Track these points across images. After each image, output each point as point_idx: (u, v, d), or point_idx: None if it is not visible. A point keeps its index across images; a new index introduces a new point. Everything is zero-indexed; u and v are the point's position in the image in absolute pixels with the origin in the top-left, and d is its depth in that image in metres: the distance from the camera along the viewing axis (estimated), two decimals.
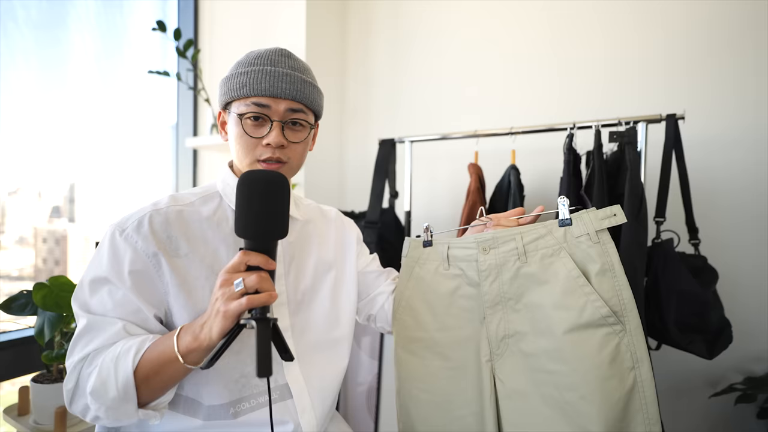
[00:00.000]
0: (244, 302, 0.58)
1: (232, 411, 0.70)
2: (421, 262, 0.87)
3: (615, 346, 0.69)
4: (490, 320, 0.78)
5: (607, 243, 0.72)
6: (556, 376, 0.71)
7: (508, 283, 0.76)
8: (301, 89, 0.73)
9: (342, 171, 2.00)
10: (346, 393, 1.89)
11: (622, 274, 0.71)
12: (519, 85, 1.61)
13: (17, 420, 1.12)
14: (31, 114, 1.47)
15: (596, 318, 0.69)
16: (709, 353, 1.06)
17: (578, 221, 0.73)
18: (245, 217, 0.62)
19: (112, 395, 0.62)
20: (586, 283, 0.70)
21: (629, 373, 0.69)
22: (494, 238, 0.78)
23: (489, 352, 0.78)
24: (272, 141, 0.71)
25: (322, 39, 1.83)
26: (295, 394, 0.74)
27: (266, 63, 0.72)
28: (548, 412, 0.71)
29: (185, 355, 0.61)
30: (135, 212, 0.70)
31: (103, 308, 0.66)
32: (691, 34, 1.34)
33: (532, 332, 0.74)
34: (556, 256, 0.74)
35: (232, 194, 0.76)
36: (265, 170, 0.66)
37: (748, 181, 1.28)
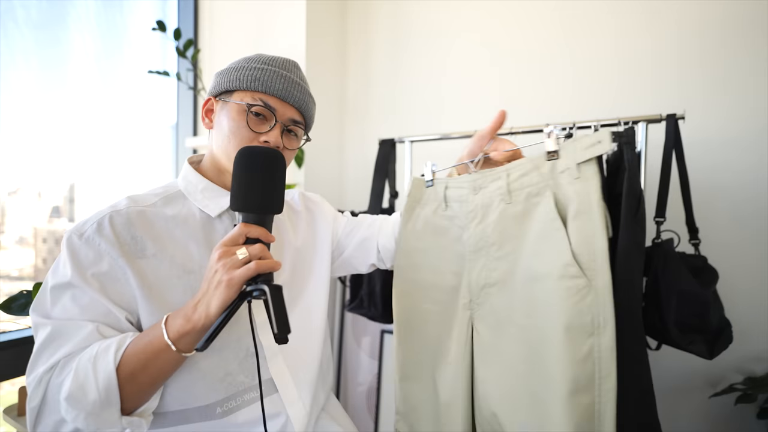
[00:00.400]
0: (253, 266, 0.57)
1: (219, 410, 0.68)
2: (422, 203, 0.82)
3: (573, 303, 0.58)
4: (471, 266, 0.72)
5: (590, 179, 0.60)
6: (527, 332, 0.64)
7: (492, 225, 0.69)
8: (306, 102, 0.76)
9: (342, 171, 2.00)
10: (346, 393, 1.89)
11: (600, 219, 0.59)
12: (519, 85, 1.61)
13: (17, 420, 1.12)
14: (31, 114, 1.47)
15: (557, 266, 0.59)
16: (709, 353, 1.06)
17: (565, 152, 0.63)
18: (246, 189, 0.62)
19: (92, 398, 0.57)
20: (561, 227, 0.60)
21: (586, 339, 0.58)
22: (483, 177, 0.71)
23: (469, 300, 0.72)
24: (272, 140, 0.70)
25: (322, 39, 1.83)
26: (280, 388, 0.73)
27: (281, 67, 0.74)
28: (513, 370, 0.65)
29: (177, 341, 0.58)
30: (92, 216, 0.67)
31: (68, 314, 0.61)
32: (691, 34, 1.34)
33: (512, 282, 0.67)
34: (541, 196, 0.64)
35: (196, 193, 0.75)
36: (264, 146, 0.66)
37: (749, 181, 1.28)
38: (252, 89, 0.71)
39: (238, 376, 0.70)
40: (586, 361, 0.58)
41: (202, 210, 0.74)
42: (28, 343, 1.26)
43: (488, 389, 0.69)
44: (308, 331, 0.80)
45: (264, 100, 0.71)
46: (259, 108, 0.71)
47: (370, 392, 1.82)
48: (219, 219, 0.74)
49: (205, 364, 0.67)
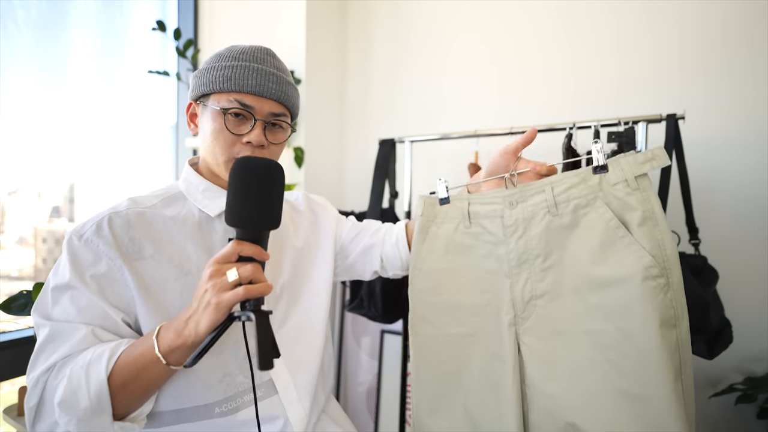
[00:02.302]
0: (241, 292, 0.55)
1: (217, 410, 0.68)
2: (438, 222, 0.80)
3: (660, 301, 0.62)
4: (515, 280, 0.72)
5: (648, 189, 0.65)
6: (595, 336, 0.65)
7: (537, 238, 0.70)
8: (285, 91, 0.72)
9: (342, 171, 2.00)
10: (346, 393, 1.89)
11: (665, 223, 0.64)
12: (519, 85, 1.60)
13: (17, 420, 1.12)
14: (31, 114, 1.47)
15: (639, 270, 0.63)
16: (710, 353, 1.06)
17: (615, 167, 0.66)
18: (241, 205, 0.59)
19: (84, 405, 0.57)
20: (627, 233, 0.64)
21: (672, 331, 0.63)
22: (522, 191, 0.71)
23: (513, 315, 0.71)
24: (254, 140, 0.69)
25: (322, 39, 1.83)
26: (280, 389, 0.73)
27: (252, 60, 0.70)
28: (585, 375, 0.66)
29: (167, 355, 0.57)
30: (92, 217, 0.67)
31: (66, 315, 0.62)
32: (692, 34, 1.34)
33: (564, 291, 0.68)
34: (591, 206, 0.67)
35: (196, 194, 0.74)
36: (262, 158, 0.64)
37: (749, 181, 1.28)
38: (226, 90, 0.69)
39: (237, 377, 0.70)
40: (675, 351, 0.63)
41: (201, 210, 0.74)
42: (28, 343, 1.26)
43: (557, 401, 0.68)
44: (308, 333, 0.80)
45: (239, 99, 0.68)
46: (235, 109, 0.69)
47: (370, 392, 1.82)
48: (219, 219, 0.74)
49: (202, 365, 0.66)
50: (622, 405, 0.64)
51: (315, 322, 0.81)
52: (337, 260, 0.90)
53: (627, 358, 0.63)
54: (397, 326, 1.71)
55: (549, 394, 0.69)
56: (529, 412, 0.71)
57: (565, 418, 0.67)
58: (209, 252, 0.71)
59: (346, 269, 0.92)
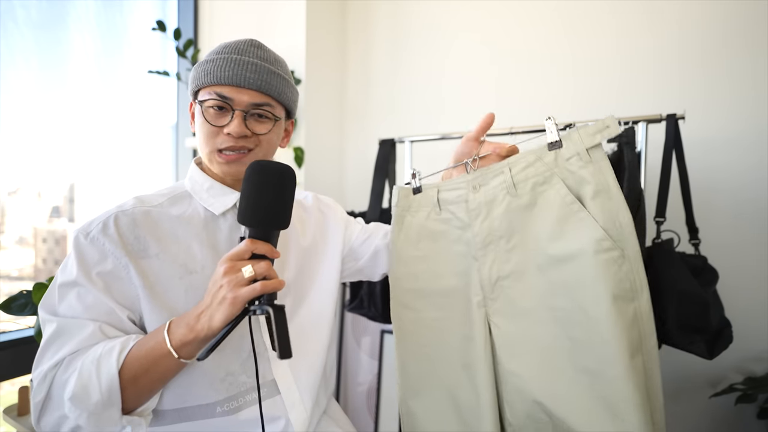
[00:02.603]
0: (258, 287, 0.58)
1: (219, 410, 0.68)
2: (412, 211, 0.82)
3: (613, 273, 0.62)
4: (482, 262, 0.73)
5: (601, 161, 0.65)
6: (558, 313, 0.66)
7: (499, 219, 0.71)
8: (267, 80, 0.71)
9: (342, 171, 2.00)
10: (346, 393, 1.89)
11: (619, 195, 0.64)
12: (519, 85, 1.61)
13: (17, 420, 1.12)
14: (31, 114, 1.47)
15: (591, 243, 0.62)
16: (710, 353, 1.06)
17: (568, 142, 0.66)
18: (255, 205, 0.62)
19: (95, 399, 0.58)
20: (581, 207, 0.64)
21: (629, 304, 0.63)
22: (483, 175, 0.72)
23: (482, 297, 0.73)
24: (233, 131, 0.69)
25: (322, 39, 1.83)
26: (282, 390, 0.73)
27: (233, 52, 0.71)
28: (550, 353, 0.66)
29: (179, 349, 0.59)
30: (99, 215, 0.68)
31: (73, 312, 0.63)
32: (692, 34, 1.34)
33: (528, 270, 0.69)
34: (548, 184, 0.67)
35: (201, 192, 0.75)
36: (276, 162, 0.66)
37: (749, 181, 1.28)
38: (206, 84, 0.70)
39: (240, 376, 0.70)
40: (633, 324, 0.62)
41: (206, 209, 0.74)
42: (27, 343, 1.26)
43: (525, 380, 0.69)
44: (313, 334, 0.80)
45: (218, 91, 0.69)
46: (213, 101, 0.69)
47: (370, 392, 1.82)
48: (223, 217, 0.75)
49: (205, 363, 0.67)
50: (583, 382, 0.64)
51: (320, 323, 0.81)
52: (347, 263, 0.90)
53: (585, 333, 0.63)
54: None
55: (517, 374, 0.69)
56: (503, 391, 0.72)
57: (532, 396, 0.68)
58: (214, 251, 0.72)
59: (356, 272, 0.93)
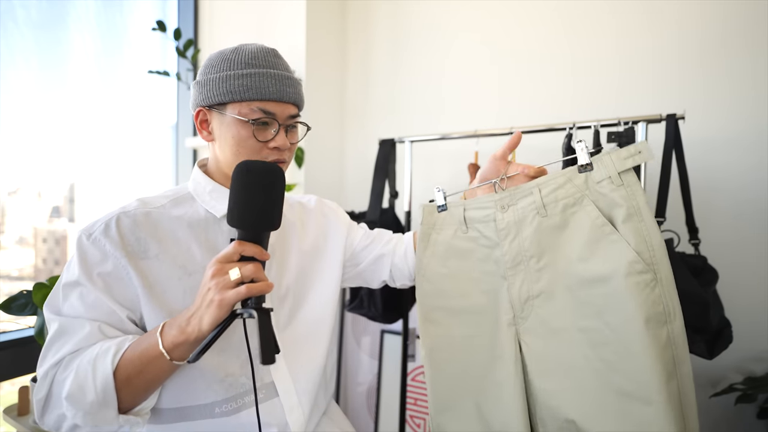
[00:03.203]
0: (243, 290, 0.57)
1: (218, 410, 0.69)
2: (437, 228, 0.83)
3: (646, 297, 0.62)
4: (512, 282, 0.73)
5: (633, 185, 0.65)
6: (590, 334, 0.66)
7: (529, 239, 0.71)
8: (299, 92, 0.75)
9: (342, 171, 2.00)
10: (346, 393, 1.89)
11: (651, 218, 0.64)
12: (519, 85, 1.60)
13: (17, 420, 1.12)
14: (31, 114, 1.47)
15: (623, 266, 0.63)
16: (709, 353, 1.06)
17: (599, 165, 0.67)
18: (242, 207, 0.61)
19: (91, 399, 0.59)
20: (613, 230, 0.65)
21: (662, 327, 0.63)
22: (511, 195, 0.73)
23: (512, 316, 0.73)
24: (281, 144, 0.71)
25: (322, 39, 1.83)
26: (281, 393, 0.73)
27: (266, 65, 0.72)
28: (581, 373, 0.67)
29: (171, 350, 0.60)
30: (103, 216, 0.69)
31: (75, 311, 0.64)
32: (691, 34, 1.34)
33: (558, 290, 0.69)
34: (579, 205, 0.68)
35: (204, 195, 0.75)
36: (263, 161, 0.66)
37: (749, 181, 1.28)
38: (247, 99, 0.70)
39: (239, 377, 0.70)
40: (666, 348, 0.63)
41: (208, 211, 0.75)
42: (28, 343, 1.26)
43: (556, 397, 0.69)
44: (312, 337, 0.80)
45: (262, 108, 0.70)
46: (259, 117, 0.70)
47: (370, 392, 1.82)
48: (224, 220, 0.75)
49: (204, 364, 0.67)
50: (616, 403, 0.64)
51: (319, 326, 0.82)
52: (347, 267, 0.90)
53: (617, 355, 0.64)
54: (397, 326, 1.71)
55: (549, 392, 0.70)
56: (534, 407, 0.73)
57: (564, 414, 0.68)
58: (214, 253, 0.72)
59: (356, 276, 0.93)
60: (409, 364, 1.66)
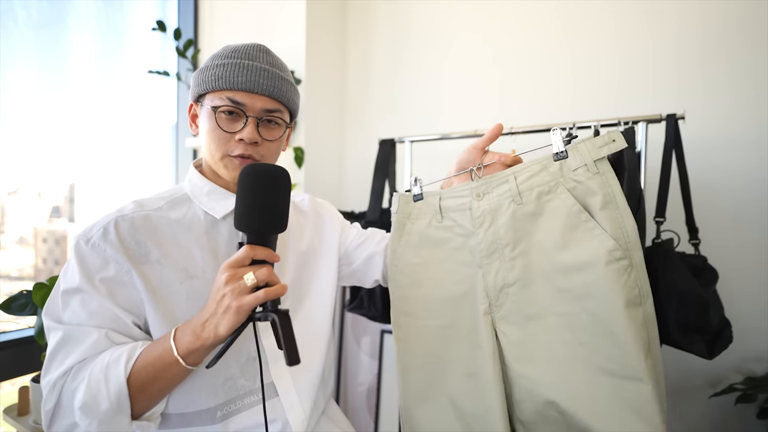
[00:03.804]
0: (262, 295, 0.57)
1: (219, 414, 0.69)
2: (413, 218, 0.82)
3: (624, 282, 0.64)
4: (487, 270, 0.73)
5: (608, 173, 0.66)
6: (567, 318, 0.67)
7: (504, 228, 0.71)
8: (279, 86, 0.72)
9: (342, 171, 2.00)
10: (346, 393, 1.89)
11: (625, 206, 0.66)
12: (519, 85, 1.60)
13: (17, 420, 1.12)
14: (31, 114, 1.47)
15: (603, 254, 0.64)
16: (709, 353, 1.06)
17: (574, 153, 0.68)
18: (250, 211, 0.61)
19: (105, 408, 0.59)
20: (589, 218, 0.66)
21: (638, 309, 0.65)
22: (487, 183, 0.73)
23: (488, 305, 0.73)
24: (246, 137, 0.69)
25: (322, 39, 1.83)
26: (281, 392, 0.73)
27: (243, 57, 0.71)
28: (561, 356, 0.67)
29: (186, 356, 0.60)
30: (99, 220, 0.68)
31: (78, 319, 0.63)
32: (691, 34, 1.34)
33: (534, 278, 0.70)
34: (554, 193, 0.68)
35: (201, 196, 0.74)
36: (269, 164, 0.65)
37: (749, 181, 1.28)
38: (218, 88, 0.69)
39: (238, 380, 0.70)
40: (642, 328, 0.65)
41: (207, 212, 0.74)
42: (28, 343, 1.26)
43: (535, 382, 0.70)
44: (311, 337, 0.80)
45: (230, 97, 0.69)
46: (227, 107, 0.69)
47: (370, 392, 1.82)
48: (224, 221, 0.74)
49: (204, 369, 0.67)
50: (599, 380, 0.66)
51: (318, 326, 0.81)
52: (341, 266, 0.90)
53: (598, 337, 0.65)
54: None
55: (527, 376, 0.70)
56: (512, 393, 0.73)
57: (544, 396, 0.69)
58: (215, 255, 0.72)
59: (349, 275, 0.93)
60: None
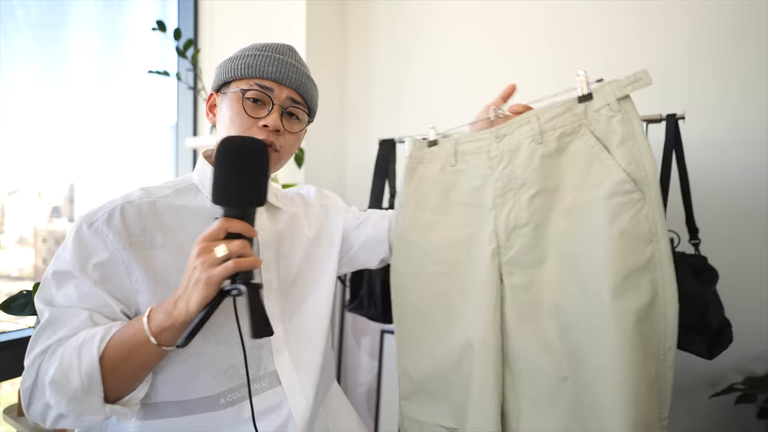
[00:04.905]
0: (231, 265, 0.56)
1: (222, 401, 0.69)
2: (425, 162, 0.82)
3: (631, 216, 0.61)
4: (499, 210, 0.71)
5: (630, 111, 0.65)
6: (572, 259, 0.65)
7: (522, 167, 0.70)
8: (304, 82, 0.75)
9: (342, 171, 2.00)
10: (346, 393, 1.89)
11: (643, 141, 0.64)
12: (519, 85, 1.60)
13: (17, 420, 1.12)
14: (31, 114, 1.47)
15: (610, 186, 0.62)
16: (710, 353, 1.06)
17: (599, 94, 0.67)
18: (225, 182, 0.60)
19: (75, 385, 0.57)
20: (607, 154, 0.64)
21: (646, 246, 0.62)
22: (509, 125, 0.72)
23: (496, 245, 0.71)
24: (270, 123, 0.70)
25: (322, 39, 1.83)
26: (283, 381, 0.73)
27: (274, 51, 0.74)
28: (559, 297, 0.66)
29: (158, 335, 0.58)
30: (104, 204, 0.67)
31: (69, 301, 0.63)
32: (692, 34, 1.34)
33: (547, 219, 0.68)
34: (576, 134, 0.67)
35: (209, 185, 0.73)
36: (243, 136, 0.65)
37: (749, 181, 1.28)
38: (247, 76, 0.71)
39: (242, 368, 0.70)
40: (647, 266, 0.61)
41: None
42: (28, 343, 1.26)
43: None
44: (315, 325, 0.81)
45: (260, 84, 0.71)
46: (254, 92, 0.70)
47: (370, 392, 1.82)
48: None
49: (209, 355, 0.67)
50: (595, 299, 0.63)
51: (322, 313, 0.82)
52: (343, 250, 0.90)
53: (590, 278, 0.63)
54: None
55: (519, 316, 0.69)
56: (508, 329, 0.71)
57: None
58: None
59: (351, 260, 0.92)
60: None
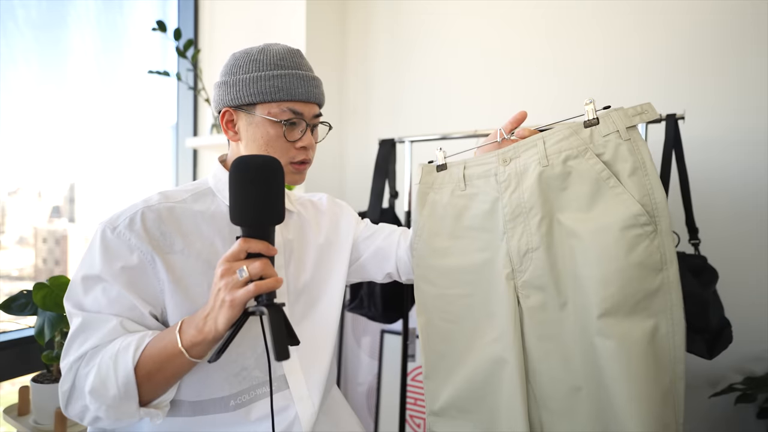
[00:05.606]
0: (252, 288, 0.58)
1: (232, 403, 0.70)
2: (436, 188, 0.83)
3: (645, 247, 0.65)
4: (511, 235, 0.73)
5: (638, 140, 0.67)
6: (583, 281, 0.67)
7: (530, 190, 0.71)
8: (322, 92, 0.78)
9: (342, 171, 2.00)
10: (346, 393, 1.89)
11: (654, 173, 0.66)
12: (519, 85, 1.60)
13: (17, 420, 1.12)
14: (31, 114, 1.47)
15: (626, 218, 0.65)
16: (709, 353, 1.06)
17: (606, 120, 0.68)
18: (242, 203, 0.61)
19: (113, 393, 0.61)
20: (617, 183, 0.66)
21: (657, 274, 0.65)
22: (515, 148, 0.74)
23: (511, 269, 0.73)
24: (308, 144, 0.75)
25: (322, 39, 1.83)
26: (291, 384, 0.75)
27: (293, 66, 0.75)
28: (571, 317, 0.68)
29: (189, 349, 0.61)
30: (125, 209, 0.69)
31: (98, 306, 0.65)
32: (692, 33, 1.34)
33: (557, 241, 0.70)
34: (582, 158, 0.68)
35: (224, 190, 0.76)
36: (259, 155, 0.65)
37: (749, 181, 1.28)
38: (278, 99, 0.73)
39: (253, 371, 0.72)
40: (657, 292, 0.65)
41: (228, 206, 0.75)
42: (28, 343, 1.26)
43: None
44: (324, 331, 0.82)
45: (291, 108, 0.73)
46: (288, 117, 0.73)
47: (370, 392, 1.82)
48: None
49: (222, 358, 0.68)
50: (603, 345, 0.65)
51: (330, 319, 0.84)
52: (351, 259, 0.91)
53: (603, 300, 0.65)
54: (397, 326, 1.71)
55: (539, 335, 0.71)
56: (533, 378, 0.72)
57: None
58: None
59: (358, 269, 0.93)
60: (410, 364, 1.66)
